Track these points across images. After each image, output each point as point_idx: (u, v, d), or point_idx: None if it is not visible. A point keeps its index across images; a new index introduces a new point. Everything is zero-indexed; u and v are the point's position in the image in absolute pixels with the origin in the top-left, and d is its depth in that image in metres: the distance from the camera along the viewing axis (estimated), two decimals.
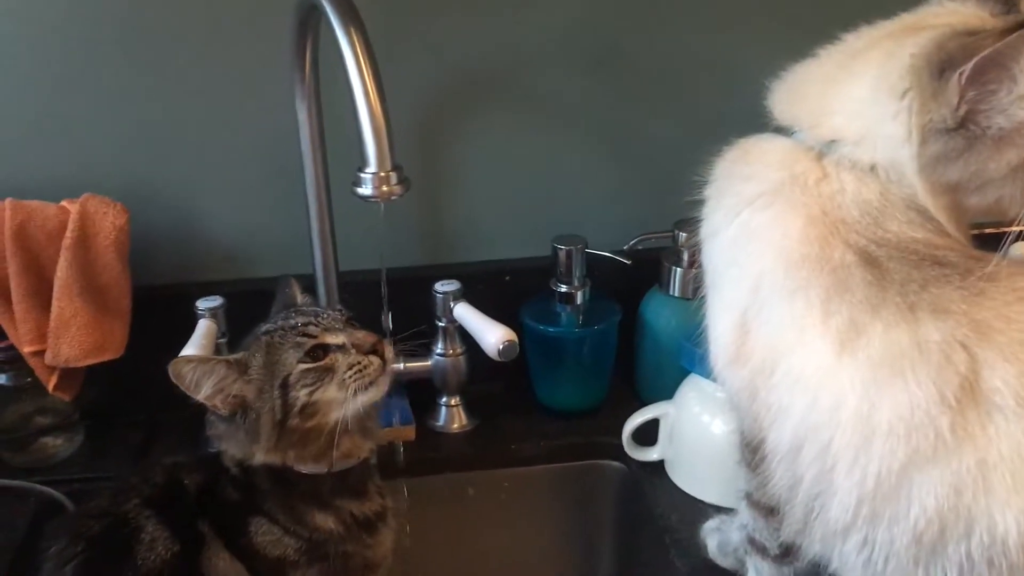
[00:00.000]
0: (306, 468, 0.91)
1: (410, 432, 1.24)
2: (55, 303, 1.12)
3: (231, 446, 0.92)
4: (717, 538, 0.99)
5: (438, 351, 1.23)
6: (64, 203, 1.14)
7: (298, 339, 0.89)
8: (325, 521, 0.91)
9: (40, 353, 1.13)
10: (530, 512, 1.24)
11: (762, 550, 0.88)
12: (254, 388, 0.89)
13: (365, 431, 0.94)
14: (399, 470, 1.20)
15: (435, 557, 1.23)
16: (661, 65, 1.27)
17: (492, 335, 1.09)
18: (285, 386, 0.88)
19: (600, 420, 1.25)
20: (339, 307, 0.97)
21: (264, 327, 0.93)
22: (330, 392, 0.88)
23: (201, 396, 0.88)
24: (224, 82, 1.21)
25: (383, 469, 1.03)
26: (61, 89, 1.19)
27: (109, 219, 1.13)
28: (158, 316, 1.20)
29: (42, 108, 1.20)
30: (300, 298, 1.01)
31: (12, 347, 1.15)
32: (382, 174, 0.84)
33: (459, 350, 1.23)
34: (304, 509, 0.91)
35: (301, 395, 0.87)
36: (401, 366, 1.24)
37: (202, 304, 1.17)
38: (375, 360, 0.90)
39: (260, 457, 0.90)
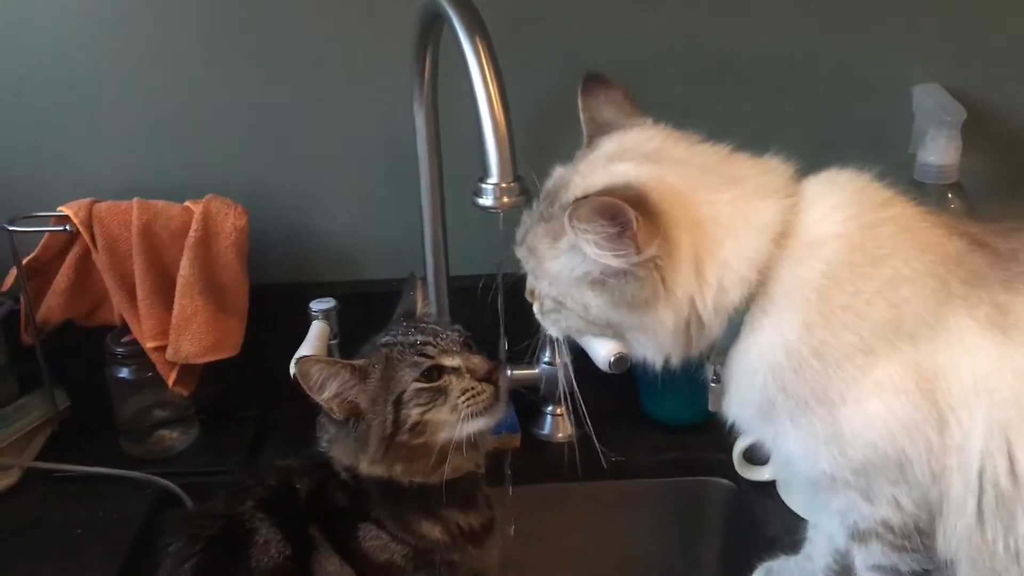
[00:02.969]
0: (416, 482, 0.91)
1: (515, 440, 1.24)
2: (177, 301, 1.15)
3: (339, 451, 0.93)
4: None
5: (545, 359, 1.22)
6: (188, 203, 1.17)
7: (416, 358, 0.90)
8: (432, 530, 0.92)
9: (162, 349, 1.17)
10: (633, 526, 1.23)
11: None
12: (368, 397, 0.90)
13: (474, 447, 0.94)
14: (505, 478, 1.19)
15: (536, 566, 1.22)
16: (779, 74, 1.24)
17: (604, 347, 1.06)
18: (399, 402, 0.89)
19: (708, 435, 1.22)
20: (457, 327, 0.96)
21: (384, 338, 0.94)
22: (441, 414, 0.89)
23: (322, 397, 0.89)
24: (343, 87, 1.23)
25: (490, 476, 1.03)
26: (185, 93, 1.23)
27: (230, 220, 1.15)
28: (271, 315, 1.23)
29: (167, 111, 1.23)
30: (422, 304, 1.02)
31: (135, 342, 1.19)
32: (503, 185, 0.84)
33: (567, 359, 1.21)
34: (411, 518, 0.92)
35: (413, 413, 0.88)
36: (508, 373, 1.23)
37: (315, 306, 1.18)
38: (488, 388, 0.90)
39: (365, 467, 0.91)
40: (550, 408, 1.26)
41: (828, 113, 1.24)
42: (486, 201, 0.85)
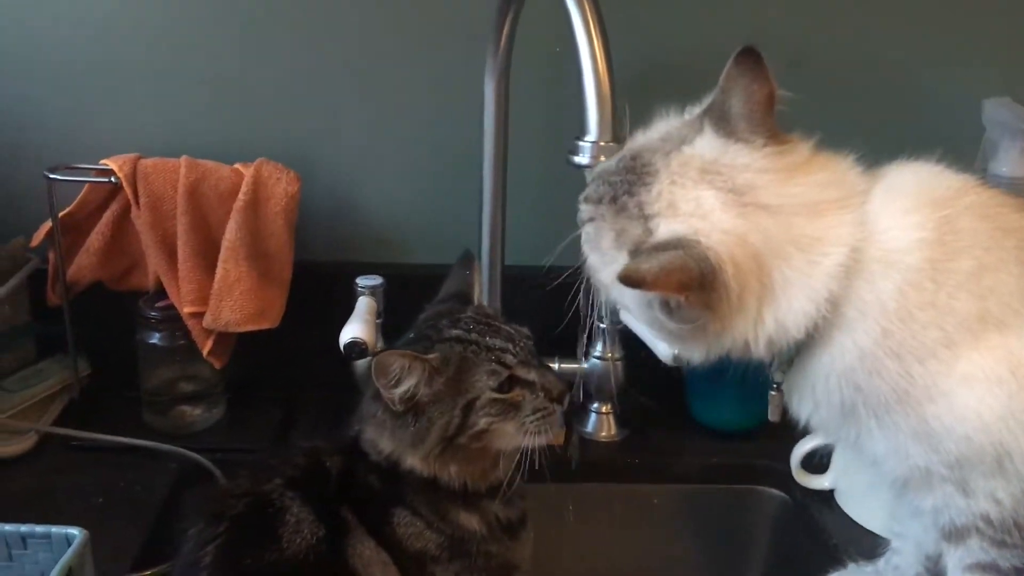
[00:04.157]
0: (468, 484, 0.87)
1: (559, 436, 1.19)
2: (221, 265, 1.10)
3: (384, 438, 0.87)
4: None
5: (596, 354, 1.18)
6: (238, 166, 1.12)
7: (494, 366, 0.85)
8: (470, 521, 0.87)
9: (199, 315, 1.11)
10: (676, 532, 1.18)
11: None
12: (432, 393, 0.84)
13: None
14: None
15: (574, 565, 1.16)
16: (851, 76, 1.22)
17: None
18: (469, 408, 0.84)
19: (759, 443, 1.19)
20: (527, 332, 0.90)
21: (454, 331, 0.87)
22: (508, 427, 0.85)
23: (396, 392, 0.83)
24: (403, 56, 1.19)
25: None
26: (237, 55, 1.19)
27: (282, 185, 1.11)
28: (310, 293, 1.18)
29: (218, 73, 1.19)
30: (477, 290, 0.96)
31: (171, 307, 1.13)
32: (602, 143, 0.80)
33: (618, 355, 1.17)
34: (449, 507, 0.87)
35: (481, 422, 0.84)
36: (556, 366, 1.19)
37: (362, 282, 1.14)
38: (558, 409, 0.87)
39: (414, 462, 0.85)
40: (596, 405, 1.21)
41: (894, 120, 1.22)
42: (582, 159, 0.81)
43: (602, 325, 1.16)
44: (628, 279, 0.69)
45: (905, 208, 0.74)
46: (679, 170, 0.73)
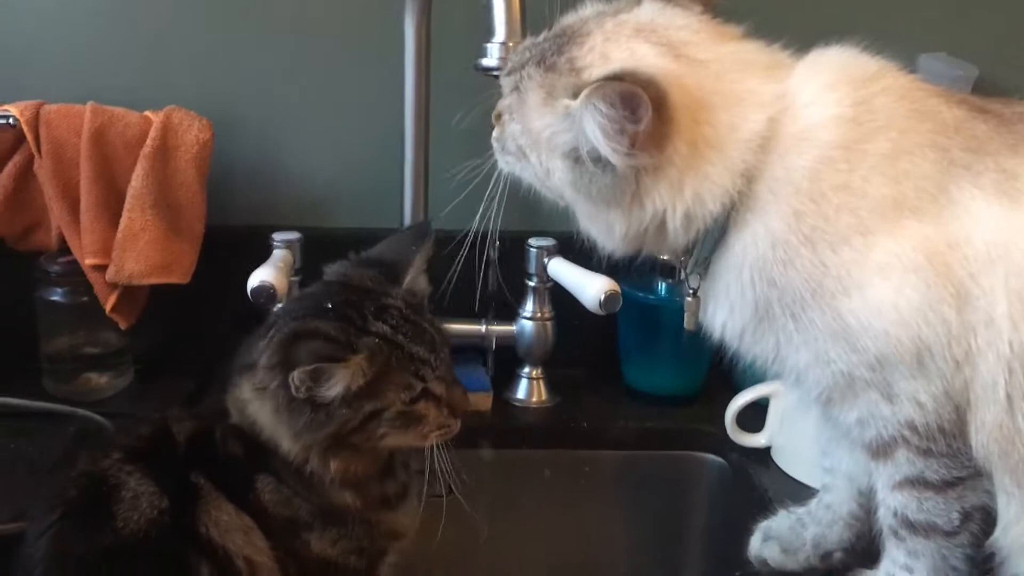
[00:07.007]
0: (340, 489, 0.80)
1: (486, 401, 1.13)
2: (126, 214, 1.04)
3: (264, 415, 0.78)
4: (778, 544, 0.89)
5: (525, 314, 1.13)
6: (148, 113, 1.07)
7: (411, 379, 0.79)
8: (342, 496, 0.80)
9: (102, 268, 1.05)
10: (612, 500, 1.12)
11: (930, 529, 0.74)
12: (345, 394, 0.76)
13: None
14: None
15: (505, 536, 1.10)
16: (788, 27, 1.17)
17: (593, 286, 0.99)
18: (374, 415, 0.77)
19: (694, 408, 1.15)
20: (447, 337, 0.84)
21: (383, 327, 0.78)
22: (406, 438, 0.80)
23: (326, 393, 0.75)
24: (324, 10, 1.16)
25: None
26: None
27: (193, 132, 1.06)
28: (223, 258, 1.11)
29: (134, 21, 1.15)
30: (415, 270, 0.86)
31: (73, 262, 1.07)
32: (510, 44, 0.76)
33: (548, 314, 1.13)
34: (319, 483, 0.79)
35: (380, 431, 0.78)
36: (483, 329, 1.14)
37: (279, 237, 1.09)
38: (458, 425, 0.83)
39: (290, 448, 0.77)
40: (526, 370, 1.16)
41: None
42: (489, 61, 0.77)
43: (531, 283, 1.12)
44: (596, 90, 0.65)
45: (825, 84, 0.71)
46: (613, 29, 0.72)
